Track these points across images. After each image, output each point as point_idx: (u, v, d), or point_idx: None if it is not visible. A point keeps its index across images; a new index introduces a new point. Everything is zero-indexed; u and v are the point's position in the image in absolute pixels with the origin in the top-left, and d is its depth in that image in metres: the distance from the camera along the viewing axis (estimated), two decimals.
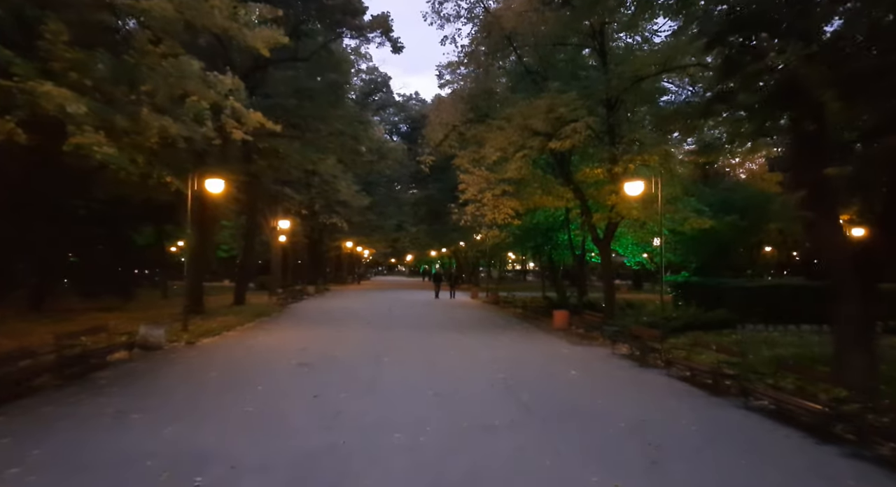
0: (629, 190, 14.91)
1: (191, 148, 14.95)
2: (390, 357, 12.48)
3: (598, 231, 18.59)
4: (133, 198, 21.58)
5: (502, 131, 17.19)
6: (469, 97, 19.75)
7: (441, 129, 20.50)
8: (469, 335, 16.99)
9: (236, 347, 13.77)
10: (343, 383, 9.56)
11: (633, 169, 16.11)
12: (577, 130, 15.07)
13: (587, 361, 12.46)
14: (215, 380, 9.77)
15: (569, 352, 13.75)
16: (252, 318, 20.46)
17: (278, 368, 10.93)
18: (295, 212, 33.57)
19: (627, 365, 12.13)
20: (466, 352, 13.33)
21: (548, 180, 18.63)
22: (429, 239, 55.88)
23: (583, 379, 10.34)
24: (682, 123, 11.61)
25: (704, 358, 11.22)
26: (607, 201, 17.70)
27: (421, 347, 14.13)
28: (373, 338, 15.64)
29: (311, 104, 18.16)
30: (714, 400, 8.89)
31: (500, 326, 19.76)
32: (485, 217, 18.90)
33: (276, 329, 17.75)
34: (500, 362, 11.98)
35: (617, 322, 16.35)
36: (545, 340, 16.10)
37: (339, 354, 12.78)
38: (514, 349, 14.20)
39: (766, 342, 14.96)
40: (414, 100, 58.66)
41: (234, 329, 17.44)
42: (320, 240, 47.29)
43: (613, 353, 13.63)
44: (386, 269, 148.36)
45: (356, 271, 70.65)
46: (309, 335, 16.39)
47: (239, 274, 27.05)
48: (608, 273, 19.00)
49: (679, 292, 28.11)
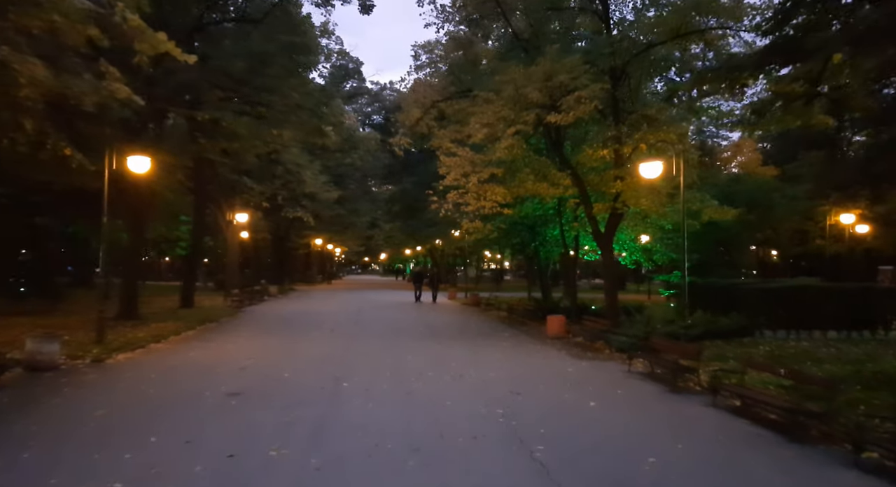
0: (645, 172, 12.35)
1: (102, 115, 11.93)
2: (352, 380, 9.67)
3: (600, 224, 16.02)
4: (53, 185, 18.34)
5: (490, 105, 14.49)
6: (451, 68, 17.04)
7: (417, 107, 17.72)
8: (451, 346, 14.26)
9: (156, 366, 10.80)
10: (279, 428, 6.74)
11: (644, 149, 13.57)
12: (582, 100, 12.45)
13: (603, 385, 9.83)
14: (95, 425, 6.85)
15: (575, 371, 11.10)
16: (195, 325, 17.41)
17: (197, 401, 8.05)
18: (255, 204, 30.39)
19: (654, 389, 9.54)
20: (450, 372, 10.59)
21: (542, 163, 15.98)
22: (404, 236, 52.97)
23: (608, 416, 7.69)
24: (727, 82, 9.07)
25: (746, 378, 8.73)
26: (611, 189, 15.16)
27: (392, 364, 11.35)
28: (334, 352, 12.80)
29: (263, 71, 15.22)
30: (810, 455, 6.29)
31: (486, 334, 17.06)
32: (468, 206, 16.15)
33: (219, 339, 14.77)
34: (494, 388, 9.27)
35: (625, 330, 13.81)
36: (542, 353, 13.45)
37: (286, 376, 9.92)
38: (509, 366, 11.50)
39: (804, 355, 12.59)
40: (388, 89, 55.58)
41: (167, 339, 14.40)
42: (286, 236, 44.01)
43: (630, 371, 11.05)
44: (360, 268, 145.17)
45: (326, 270, 67.33)
46: (255, 347, 13.47)
47: (186, 273, 23.86)
48: (611, 272, 16.45)
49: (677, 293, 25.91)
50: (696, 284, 22.47)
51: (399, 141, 18.39)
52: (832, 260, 27.01)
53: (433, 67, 18.70)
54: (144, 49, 8.40)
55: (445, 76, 17.53)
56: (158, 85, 15.46)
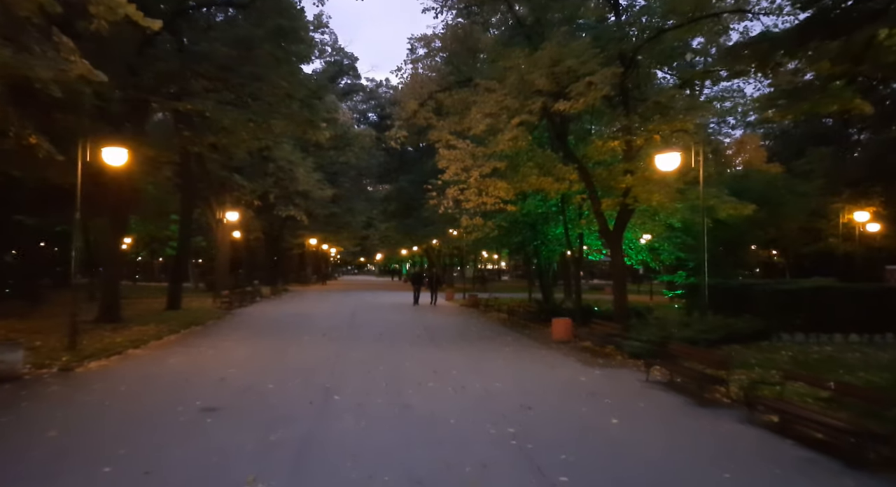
0: (661, 164, 11.44)
1: (72, 101, 10.95)
2: (344, 392, 8.73)
3: (609, 221, 15.11)
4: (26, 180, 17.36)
5: (492, 94, 13.57)
6: (450, 57, 16.11)
7: (414, 98, 16.78)
8: (451, 352, 13.32)
9: (128, 376, 9.83)
10: (256, 455, 5.79)
11: (658, 140, 12.66)
12: (593, 85, 11.52)
13: (621, 396, 8.91)
14: (43, 450, 5.89)
15: (589, 380, 10.18)
16: (179, 328, 16.43)
17: (167, 419, 7.09)
18: (246, 202, 29.36)
19: (678, 402, 8.63)
20: (452, 382, 9.65)
21: (547, 157, 15.03)
22: (400, 236, 52.00)
23: (636, 437, 6.76)
24: (761, 59, 8.17)
25: (780, 390, 7.81)
26: (620, 183, 14.25)
27: (388, 373, 10.41)
28: (324, 359, 11.85)
29: (250, 58, 14.19)
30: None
31: (487, 337, 16.13)
32: (468, 202, 15.17)
33: (202, 344, 13.78)
34: (501, 401, 8.34)
35: (638, 334, 12.90)
36: (550, 359, 12.53)
37: (270, 388, 8.96)
38: (515, 375, 10.57)
39: (830, 361, 11.71)
40: (384, 87, 54.59)
41: (147, 344, 13.43)
42: (280, 236, 42.97)
43: (648, 381, 10.13)
44: (356, 269, 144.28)
45: (321, 271, 66.28)
46: (240, 354, 12.50)
47: (172, 274, 22.83)
48: (620, 271, 15.52)
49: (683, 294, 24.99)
50: (697, 285, 21.66)
51: (395, 134, 17.43)
52: (842, 260, 26.17)
53: (430, 60, 17.75)
54: (101, 13, 7.40)
55: (444, 66, 16.61)
56: (139, 73, 14.47)
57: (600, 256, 25.04)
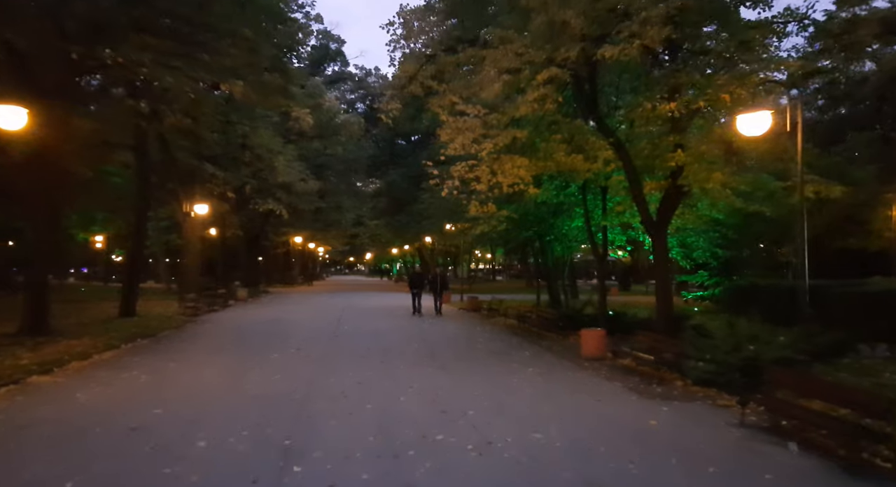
0: (745, 127, 8.53)
1: None
2: (310, 456, 5.71)
3: (650, 210, 12.20)
4: None
5: (511, 45, 10.61)
6: (453, 9, 13.17)
7: (412, 61, 13.83)
8: (460, 374, 10.33)
9: (2, 424, 6.77)
10: None
11: (728, 101, 9.75)
12: (650, 21, 8.59)
13: (726, 458, 5.95)
14: None
15: (662, 425, 7.20)
16: (120, 343, 13.39)
17: None
18: (219, 194, 26.18)
19: (816, 466, 5.70)
20: (470, 431, 6.67)
21: (578, 128, 12.11)
22: (390, 234, 49.01)
23: None
24: None
25: None
26: (668, 162, 11.35)
27: (378, 415, 7.41)
28: (291, 391, 8.80)
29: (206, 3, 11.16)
30: None
31: (501, 352, 13.15)
32: (479, 183, 12.17)
33: (139, 366, 10.70)
34: (553, 471, 5.38)
35: (700, 351, 9.95)
36: (590, 386, 9.55)
37: (199, 448, 5.94)
38: (556, 415, 7.57)
39: None
40: (373, 75, 51.51)
41: (64, 367, 10.36)
42: (262, 233, 39.77)
43: (743, 424, 7.19)
44: (346, 269, 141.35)
45: (308, 270, 63.14)
46: (181, 381, 9.46)
47: (127, 275, 19.67)
48: (663, 270, 12.57)
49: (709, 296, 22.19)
50: (742, 287, 18.82)
51: (387, 106, 14.44)
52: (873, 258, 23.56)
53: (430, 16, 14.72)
54: None
55: (446, 20, 13.66)
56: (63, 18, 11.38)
57: (621, 254, 22.21)
